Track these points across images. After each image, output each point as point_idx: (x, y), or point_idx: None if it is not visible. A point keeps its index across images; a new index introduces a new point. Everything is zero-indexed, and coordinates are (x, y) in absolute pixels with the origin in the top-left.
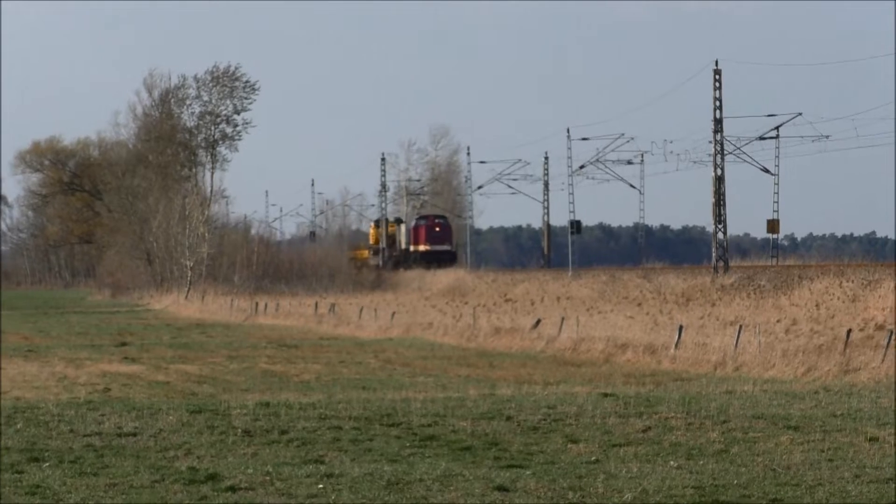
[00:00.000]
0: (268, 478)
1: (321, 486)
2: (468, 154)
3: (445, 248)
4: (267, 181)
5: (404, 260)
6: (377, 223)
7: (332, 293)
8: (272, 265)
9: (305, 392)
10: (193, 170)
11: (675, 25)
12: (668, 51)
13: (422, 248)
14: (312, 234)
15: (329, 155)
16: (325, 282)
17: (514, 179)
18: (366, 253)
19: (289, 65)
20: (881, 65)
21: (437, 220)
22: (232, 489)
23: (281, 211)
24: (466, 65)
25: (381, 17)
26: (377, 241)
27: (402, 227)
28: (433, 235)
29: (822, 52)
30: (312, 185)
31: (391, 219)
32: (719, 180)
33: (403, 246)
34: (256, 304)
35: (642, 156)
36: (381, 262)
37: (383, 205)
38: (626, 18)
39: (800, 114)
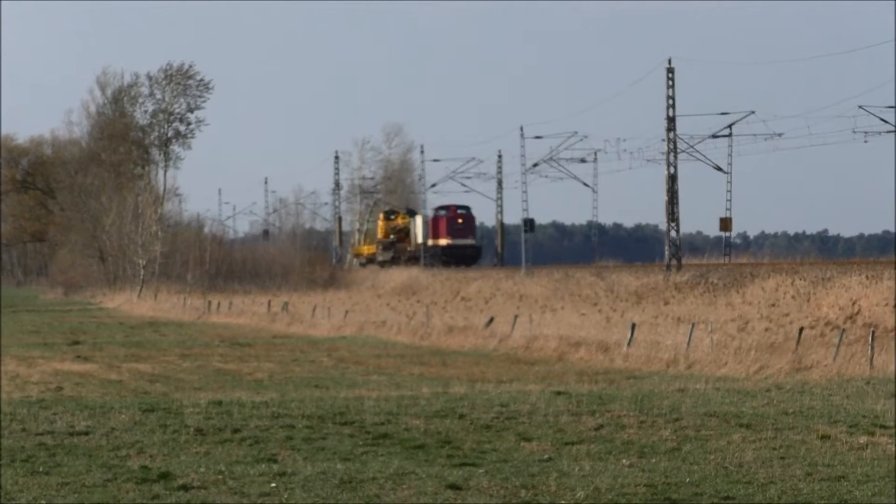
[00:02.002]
0: (220, 476)
1: (274, 484)
2: (422, 152)
3: (469, 242)
4: (220, 179)
5: (422, 256)
6: (388, 214)
7: (286, 291)
8: (225, 263)
9: (258, 391)
10: (146, 168)
11: (629, 24)
12: (621, 49)
13: (442, 242)
14: (266, 232)
15: (282, 153)
16: (279, 280)
17: (468, 178)
18: (372, 248)
19: (242, 63)
20: (834, 62)
21: (459, 211)
22: (184, 488)
23: (234, 209)
24: (421, 63)
25: (334, 15)
26: (387, 235)
27: (418, 219)
28: (455, 228)
29: (775, 50)
30: (266, 183)
31: (401, 210)
32: (672, 178)
33: (419, 240)
34: (209, 302)
35: (595, 154)
36: (391, 259)
37: (337, 203)
38: (580, 17)
39: (752, 112)
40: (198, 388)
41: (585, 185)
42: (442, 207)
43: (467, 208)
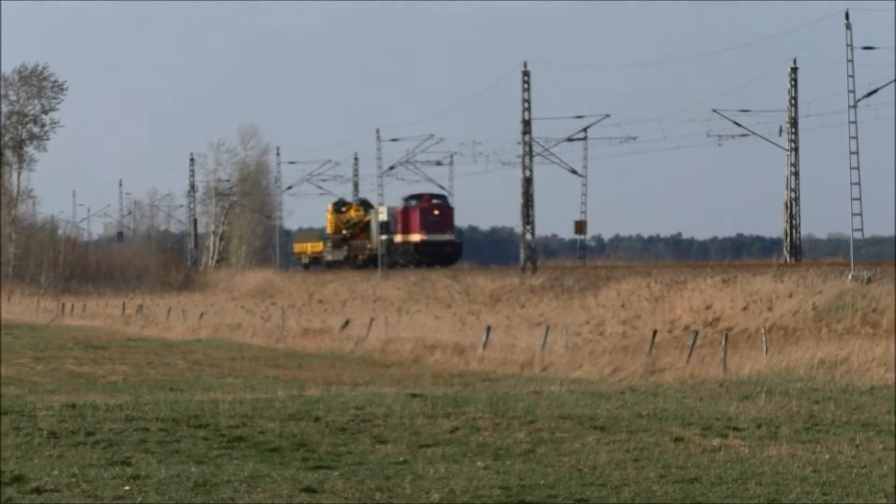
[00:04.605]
0: (74, 479)
1: (128, 487)
2: (278, 154)
3: (448, 237)
4: (74, 181)
5: (386, 255)
6: (337, 206)
7: (141, 294)
8: (79, 266)
9: (112, 393)
10: (0, 170)
11: (485, 26)
12: (478, 51)
13: (414, 238)
14: (120, 234)
15: (137, 155)
16: (133, 282)
17: (324, 180)
18: (318, 246)
19: (97, 64)
20: (688, 66)
21: (435, 201)
22: (37, 491)
23: (88, 211)
24: (276, 65)
25: (188, 16)
26: (337, 230)
27: (382, 211)
28: (431, 221)
29: (630, 54)
30: (120, 185)
31: (353, 202)
32: (528, 181)
33: (384, 236)
34: (63, 304)
35: (451, 157)
36: (343, 259)
37: (192, 205)
38: (436, 18)
39: (608, 115)
40: (51, 390)
41: (441, 187)
42: (413, 197)
43: (444, 198)
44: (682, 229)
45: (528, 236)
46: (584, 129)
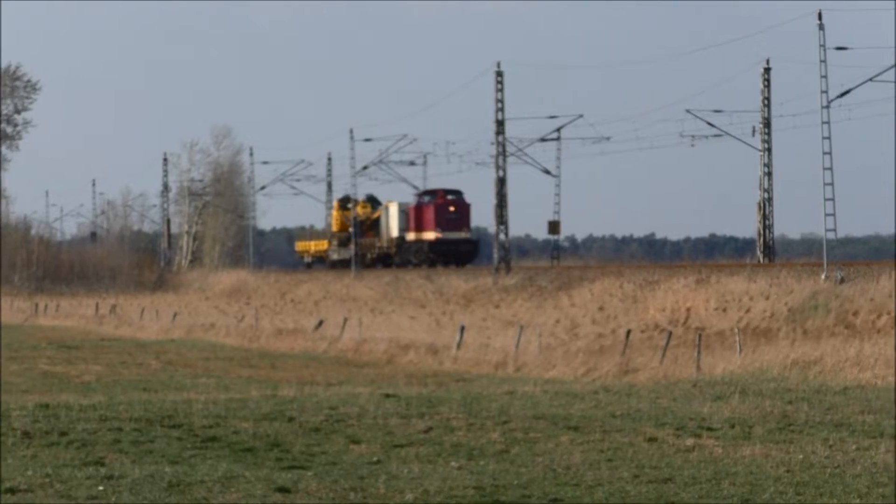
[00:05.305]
0: (47, 480)
1: (101, 487)
2: (251, 154)
3: (464, 236)
4: (48, 181)
5: (397, 254)
6: (343, 203)
7: (114, 294)
8: (53, 266)
9: (86, 393)
10: None
11: (459, 25)
12: (452, 51)
13: (429, 236)
14: (93, 234)
15: (110, 155)
16: (107, 282)
17: (298, 180)
18: (323, 244)
19: (69, 64)
20: (662, 67)
21: (450, 197)
22: (11, 491)
23: (62, 211)
24: (249, 65)
25: (162, 14)
26: (343, 228)
27: (392, 207)
28: (447, 218)
29: (603, 54)
30: (93, 185)
31: (360, 198)
32: (501, 182)
33: (395, 234)
34: (36, 304)
35: (425, 157)
36: (353, 259)
37: (165, 205)
38: (409, 18)
39: (581, 115)
40: (25, 390)
41: (415, 187)
42: (427, 192)
43: (459, 193)
44: (655, 229)
45: (502, 236)
46: (558, 130)
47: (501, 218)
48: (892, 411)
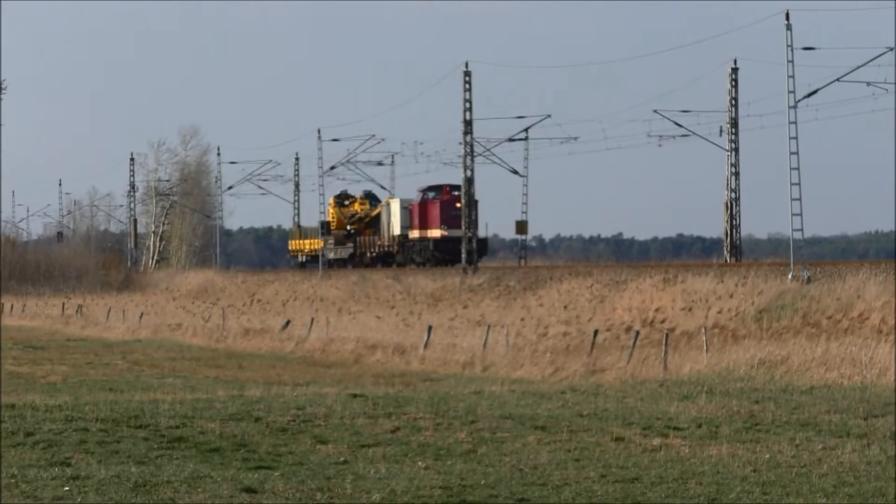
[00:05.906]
0: (13, 480)
1: (67, 488)
2: (218, 154)
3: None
4: (13, 181)
5: (400, 253)
6: (340, 199)
7: (80, 294)
8: (18, 266)
9: (52, 394)
10: None
11: (427, 25)
12: (419, 51)
13: (433, 234)
14: (60, 234)
15: (77, 155)
16: (73, 282)
17: (265, 180)
18: (318, 243)
19: (35, 62)
20: (630, 67)
21: (455, 193)
22: None
23: (28, 211)
24: (217, 64)
25: (129, 13)
26: (341, 226)
27: (394, 204)
28: (452, 215)
29: (571, 54)
30: (60, 185)
31: (357, 195)
32: (469, 182)
33: (397, 232)
34: (2, 305)
35: (393, 157)
36: (349, 257)
37: (132, 205)
38: (376, 18)
39: (549, 115)
40: None
41: (383, 188)
42: (431, 188)
43: None
44: (622, 229)
45: (469, 236)
46: (526, 130)
47: (469, 218)
48: (859, 411)
